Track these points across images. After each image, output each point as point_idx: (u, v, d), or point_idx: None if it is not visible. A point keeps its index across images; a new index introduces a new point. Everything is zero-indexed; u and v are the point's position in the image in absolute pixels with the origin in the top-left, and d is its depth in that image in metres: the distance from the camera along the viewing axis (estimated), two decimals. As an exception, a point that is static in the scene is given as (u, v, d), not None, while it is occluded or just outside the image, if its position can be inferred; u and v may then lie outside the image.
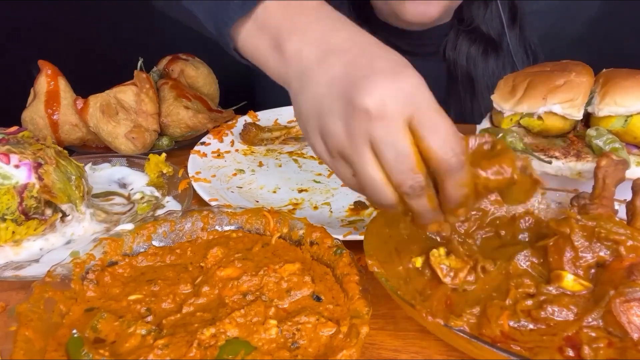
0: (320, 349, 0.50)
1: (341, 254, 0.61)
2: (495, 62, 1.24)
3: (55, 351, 0.49)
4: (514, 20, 1.25)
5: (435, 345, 0.58)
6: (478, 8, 1.22)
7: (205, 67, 1.14)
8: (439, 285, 0.60)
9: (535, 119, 0.79)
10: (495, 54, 1.23)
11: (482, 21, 1.22)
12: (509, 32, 1.22)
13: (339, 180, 0.90)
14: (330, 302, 0.56)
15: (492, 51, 1.23)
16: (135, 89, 0.99)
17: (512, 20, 1.25)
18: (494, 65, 1.24)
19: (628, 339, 0.51)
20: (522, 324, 0.54)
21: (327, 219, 0.81)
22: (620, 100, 0.74)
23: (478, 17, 1.22)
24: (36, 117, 0.97)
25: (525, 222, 0.69)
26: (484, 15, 1.22)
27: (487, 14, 1.22)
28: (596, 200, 0.62)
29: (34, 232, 0.71)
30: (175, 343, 0.49)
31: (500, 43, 1.24)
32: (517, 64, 1.22)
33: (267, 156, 1.01)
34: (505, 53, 1.23)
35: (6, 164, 0.69)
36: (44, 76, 0.98)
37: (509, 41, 1.22)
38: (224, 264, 0.60)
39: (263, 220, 0.68)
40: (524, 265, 0.61)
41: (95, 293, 0.58)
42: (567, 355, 0.51)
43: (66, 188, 0.73)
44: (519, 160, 0.51)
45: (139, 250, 0.64)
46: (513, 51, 1.23)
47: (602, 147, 0.74)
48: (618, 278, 0.54)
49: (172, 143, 1.04)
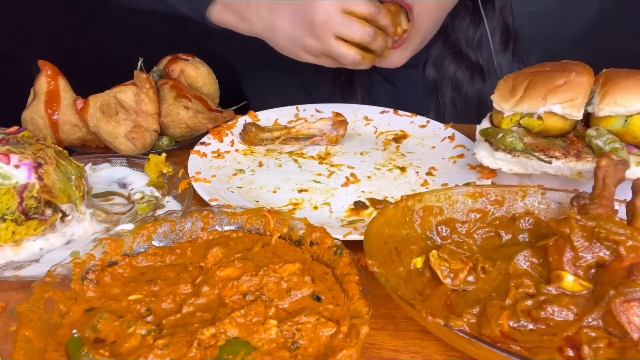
0: (320, 349, 0.50)
1: (341, 254, 0.61)
2: (483, 85, 1.22)
3: (55, 351, 0.49)
4: (507, 43, 1.23)
5: (435, 345, 0.58)
6: (467, 29, 1.20)
7: (205, 67, 1.14)
8: (439, 285, 0.60)
9: (535, 119, 0.79)
10: (482, 80, 1.21)
11: (469, 45, 1.20)
12: (500, 56, 1.20)
13: (339, 180, 0.91)
14: (330, 302, 0.56)
15: (480, 77, 1.21)
16: (135, 89, 0.99)
17: (505, 44, 1.22)
18: (482, 87, 1.22)
19: (628, 339, 0.51)
20: (521, 324, 0.54)
21: (327, 219, 0.81)
22: (620, 100, 0.74)
23: (466, 41, 1.20)
24: (36, 117, 0.97)
25: (525, 222, 0.69)
26: (472, 38, 1.20)
27: (477, 38, 1.20)
28: (596, 200, 0.62)
29: (34, 232, 0.71)
30: (175, 343, 0.49)
31: (489, 69, 1.22)
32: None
33: (267, 156, 1.01)
34: (493, 77, 1.20)
35: (6, 164, 0.69)
36: (44, 76, 0.98)
37: (497, 66, 1.19)
38: (224, 264, 0.60)
39: (263, 220, 0.68)
40: (524, 266, 0.61)
41: (95, 293, 0.58)
42: (567, 355, 0.51)
43: (66, 188, 0.73)
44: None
45: (139, 250, 0.64)
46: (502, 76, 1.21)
47: (602, 147, 0.74)
48: (618, 278, 0.54)
49: (172, 143, 1.04)
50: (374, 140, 1.08)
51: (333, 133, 1.03)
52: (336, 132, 1.03)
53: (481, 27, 1.19)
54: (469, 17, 1.20)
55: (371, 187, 0.90)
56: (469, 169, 0.94)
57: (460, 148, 1.01)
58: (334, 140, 1.04)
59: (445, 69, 1.22)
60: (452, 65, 1.22)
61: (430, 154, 1.02)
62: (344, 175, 0.93)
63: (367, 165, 0.97)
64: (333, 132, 1.03)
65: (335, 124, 1.04)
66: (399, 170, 0.96)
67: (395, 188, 0.90)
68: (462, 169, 0.94)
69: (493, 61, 1.21)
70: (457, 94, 1.23)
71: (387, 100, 1.27)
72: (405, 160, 1.00)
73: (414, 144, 1.06)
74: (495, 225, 0.69)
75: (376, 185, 0.91)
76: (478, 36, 1.20)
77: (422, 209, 0.68)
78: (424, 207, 0.69)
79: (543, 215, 0.69)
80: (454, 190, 0.71)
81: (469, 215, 0.70)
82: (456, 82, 1.22)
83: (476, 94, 1.22)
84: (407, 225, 0.67)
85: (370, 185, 0.91)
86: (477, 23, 1.20)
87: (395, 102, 1.23)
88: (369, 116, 1.15)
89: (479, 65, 1.22)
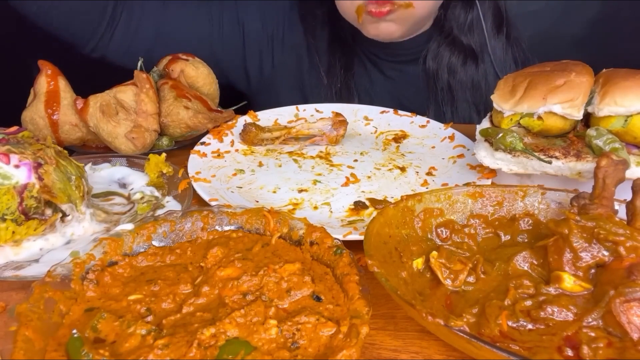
0: (320, 349, 0.50)
1: (341, 254, 0.61)
2: (476, 71, 1.25)
3: (55, 351, 0.49)
4: (499, 27, 1.25)
5: (435, 345, 0.58)
6: (458, 16, 1.23)
7: (205, 67, 1.14)
8: (439, 286, 0.60)
9: (535, 119, 0.79)
10: (475, 64, 1.25)
11: (462, 31, 1.23)
12: (493, 40, 1.23)
13: (339, 180, 0.92)
14: (330, 302, 0.56)
15: (472, 61, 1.25)
16: (135, 89, 0.99)
17: (497, 28, 1.25)
18: (474, 73, 1.26)
19: (628, 339, 0.51)
20: (521, 324, 0.54)
21: (327, 219, 0.81)
22: (620, 100, 0.74)
23: (458, 26, 1.24)
24: (36, 117, 0.97)
25: (524, 223, 0.69)
26: (464, 24, 1.23)
27: (469, 22, 1.23)
28: (596, 200, 0.62)
29: (34, 232, 0.71)
30: (175, 343, 0.49)
31: (482, 53, 1.25)
32: (499, 73, 1.23)
33: (267, 156, 1.01)
34: (486, 62, 1.24)
35: (6, 164, 0.69)
36: (44, 76, 0.98)
37: (491, 51, 1.23)
38: (224, 264, 0.60)
39: (263, 220, 0.68)
40: (524, 266, 0.61)
41: (95, 293, 0.58)
42: (566, 355, 0.51)
43: (66, 188, 0.73)
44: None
45: (139, 250, 0.64)
46: (496, 60, 1.25)
47: (602, 147, 0.74)
48: (618, 278, 0.54)
49: (172, 143, 1.04)
50: (374, 140, 1.08)
51: (333, 133, 1.04)
52: (336, 132, 1.04)
53: (472, 11, 1.23)
54: (460, 4, 1.24)
55: (371, 187, 0.90)
56: (469, 169, 0.94)
57: (460, 148, 1.01)
58: (334, 140, 1.04)
59: (441, 56, 1.25)
60: (447, 52, 1.25)
61: (430, 154, 1.02)
62: (344, 175, 0.93)
63: (367, 165, 0.97)
64: (333, 132, 1.04)
65: (335, 124, 1.04)
66: (399, 170, 0.96)
67: (395, 188, 0.90)
68: (462, 169, 0.94)
69: (486, 45, 1.24)
70: (452, 79, 1.26)
71: (387, 96, 1.29)
72: (405, 160, 1.00)
73: (414, 144, 1.06)
74: (495, 226, 0.69)
75: (376, 185, 0.91)
76: (469, 21, 1.23)
77: (423, 212, 0.68)
78: (425, 209, 0.69)
79: (543, 216, 0.69)
80: (454, 190, 0.71)
81: (469, 220, 0.70)
82: (451, 67, 1.25)
83: (469, 77, 1.25)
84: (407, 225, 0.67)
85: (370, 185, 0.91)
86: (468, 8, 1.23)
87: (395, 98, 1.27)
88: (369, 116, 1.15)
89: (472, 49, 1.25)
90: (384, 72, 1.33)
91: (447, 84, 1.26)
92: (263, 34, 1.34)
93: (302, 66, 1.36)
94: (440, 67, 1.25)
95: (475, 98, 1.27)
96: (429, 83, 1.28)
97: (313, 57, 1.33)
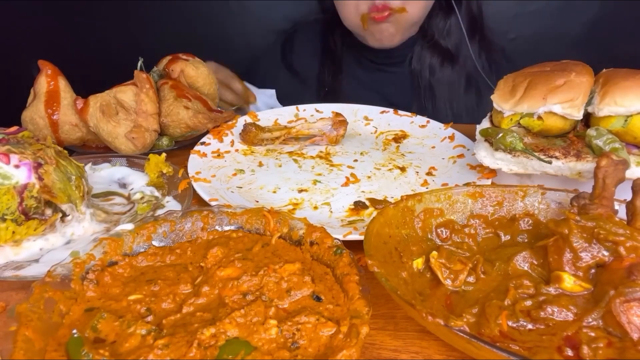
0: (320, 349, 0.50)
1: (341, 254, 0.61)
2: (452, 72, 1.45)
3: (55, 351, 0.49)
4: (474, 31, 1.44)
5: (435, 345, 0.58)
6: (438, 23, 1.44)
7: (205, 67, 1.14)
8: (439, 285, 0.60)
9: (535, 119, 0.79)
10: (451, 65, 1.45)
11: (441, 35, 1.44)
12: (471, 43, 1.41)
13: (339, 180, 0.92)
14: (330, 302, 0.56)
15: (448, 62, 1.45)
16: (135, 89, 0.99)
17: (472, 32, 1.43)
18: (451, 74, 1.45)
19: (628, 339, 0.51)
20: (521, 324, 0.54)
21: (327, 219, 0.81)
22: (620, 100, 0.74)
23: (438, 32, 1.44)
24: (36, 117, 0.97)
25: (524, 223, 0.69)
26: (443, 29, 1.43)
27: (447, 28, 1.43)
28: (596, 200, 0.62)
29: (34, 232, 0.71)
30: (175, 343, 0.49)
31: (457, 55, 1.45)
32: (480, 71, 1.39)
33: (267, 156, 1.01)
34: (462, 63, 1.44)
35: (6, 164, 0.69)
36: (44, 76, 0.98)
37: (471, 51, 1.41)
38: (224, 264, 0.60)
39: (263, 220, 0.68)
40: (524, 266, 0.61)
41: (95, 293, 0.58)
42: (566, 355, 0.51)
43: (66, 188, 0.73)
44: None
45: (139, 250, 0.64)
46: (475, 59, 1.42)
47: (602, 147, 0.74)
48: (618, 278, 0.54)
49: (172, 143, 1.04)
50: (374, 140, 1.08)
51: (333, 133, 1.04)
52: (336, 132, 1.04)
53: (450, 17, 1.42)
54: (441, 12, 1.42)
55: (371, 187, 0.90)
56: (469, 169, 0.94)
57: (460, 148, 1.01)
58: (334, 140, 1.04)
59: (424, 57, 1.46)
60: (428, 54, 1.44)
61: (430, 154, 1.02)
62: (344, 175, 0.93)
63: (367, 165, 0.97)
64: (333, 132, 1.04)
65: (335, 124, 1.04)
66: (399, 170, 0.96)
67: (395, 188, 0.90)
68: (462, 169, 0.94)
69: (466, 47, 1.41)
70: (432, 78, 1.45)
71: (377, 96, 1.42)
72: (405, 160, 1.00)
73: (414, 144, 1.06)
74: (495, 226, 0.69)
75: (376, 185, 0.91)
76: (447, 26, 1.43)
77: (423, 212, 0.68)
78: (425, 209, 0.69)
79: (543, 216, 0.69)
80: (454, 190, 0.71)
81: (469, 220, 0.70)
82: (431, 67, 1.45)
83: (446, 76, 1.45)
84: (407, 225, 0.67)
85: (370, 185, 0.91)
86: (447, 16, 1.42)
87: (382, 97, 1.43)
88: (369, 116, 1.15)
89: (449, 52, 1.44)
90: (370, 74, 1.49)
91: (429, 82, 1.44)
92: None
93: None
94: (423, 67, 1.45)
95: (451, 95, 1.46)
96: (414, 82, 1.46)
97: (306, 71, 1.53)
